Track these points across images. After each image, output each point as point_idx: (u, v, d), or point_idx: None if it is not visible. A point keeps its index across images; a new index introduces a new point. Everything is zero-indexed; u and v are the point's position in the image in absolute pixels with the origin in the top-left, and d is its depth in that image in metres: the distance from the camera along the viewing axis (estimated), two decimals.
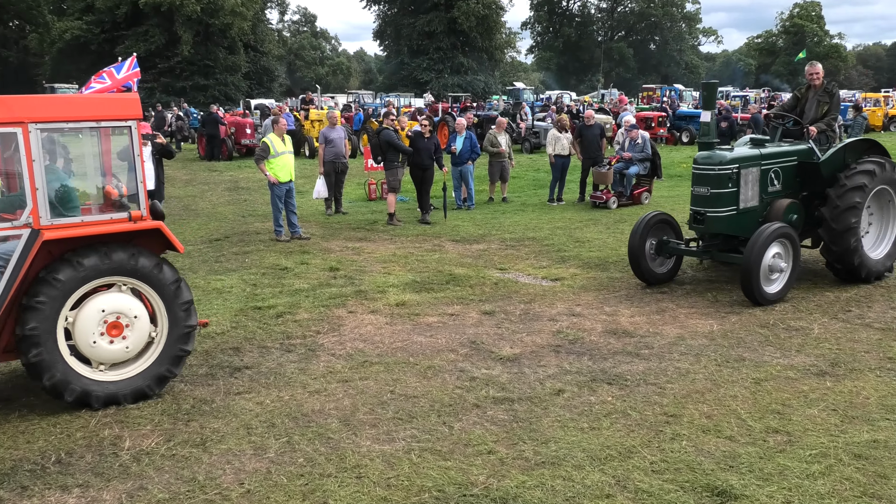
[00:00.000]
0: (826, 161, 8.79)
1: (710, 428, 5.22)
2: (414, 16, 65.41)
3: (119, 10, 55.15)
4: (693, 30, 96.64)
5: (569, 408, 5.60)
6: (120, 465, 4.80)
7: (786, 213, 8.67)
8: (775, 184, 8.80)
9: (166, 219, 13.01)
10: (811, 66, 9.43)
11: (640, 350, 6.89)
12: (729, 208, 8.44)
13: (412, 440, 5.09)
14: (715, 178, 8.38)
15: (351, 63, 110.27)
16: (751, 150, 8.75)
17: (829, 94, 9.19)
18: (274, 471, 4.69)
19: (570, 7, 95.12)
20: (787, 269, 8.28)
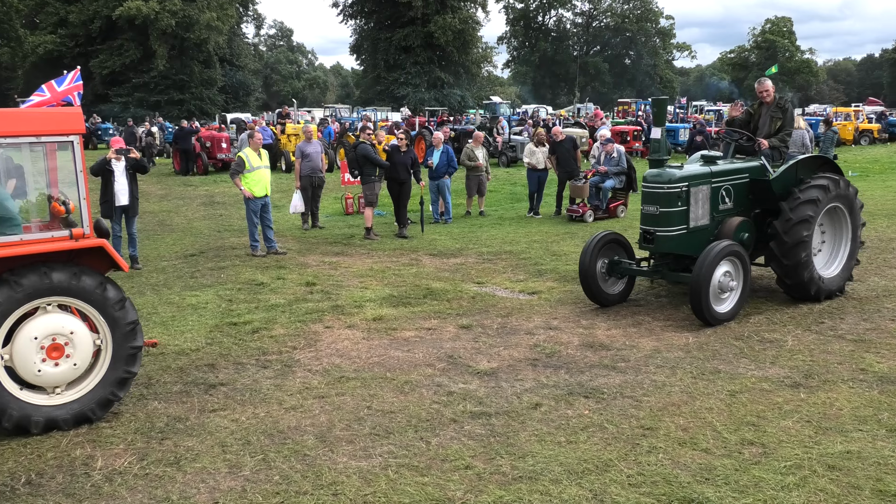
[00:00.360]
0: (778, 178, 8.63)
1: (686, 441, 5.25)
2: (391, 30, 65.62)
3: (93, 25, 54.79)
4: (667, 45, 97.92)
5: (546, 422, 5.61)
6: (92, 485, 4.72)
7: (737, 231, 8.52)
8: (727, 202, 8.63)
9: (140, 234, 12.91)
10: (760, 84, 9.32)
11: (616, 363, 6.92)
12: (679, 227, 8.24)
13: (389, 456, 5.07)
14: (664, 196, 8.17)
15: (327, 77, 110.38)
16: (701, 168, 8.57)
17: (781, 109, 9.10)
18: (249, 489, 4.64)
19: (545, 22, 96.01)
20: (738, 288, 8.11)
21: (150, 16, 52.12)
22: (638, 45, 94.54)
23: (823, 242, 9.00)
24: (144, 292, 10.15)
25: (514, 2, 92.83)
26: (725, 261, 7.91)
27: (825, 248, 9.05)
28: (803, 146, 18.93)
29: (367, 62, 71.58)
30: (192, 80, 58.35)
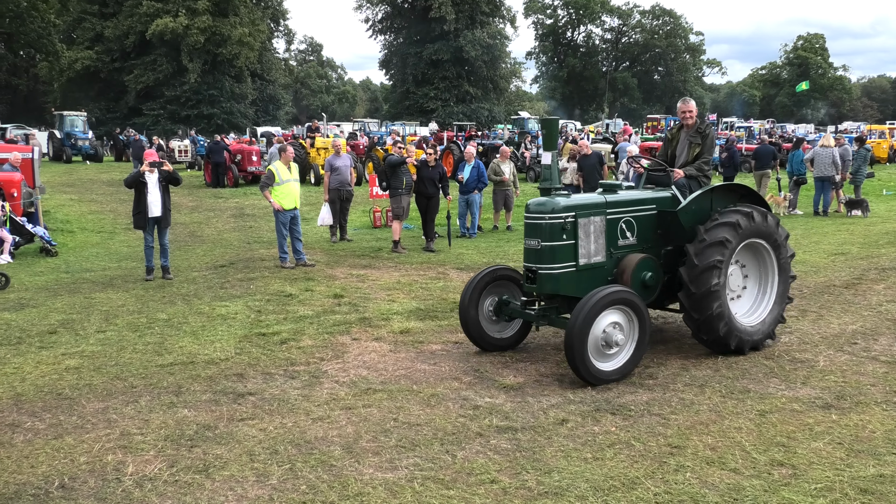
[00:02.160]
0: (686, 209, 7.52)
1: (714, 460, 5.21)
2: (420, 45, 66.06)
3: (128, 40, 55.86)
4: (697, 61, 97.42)
5: (572, 437, 5.60)
6: (123, 490, 4.80)
7: (637, 270, 7.30)
8: (627, 236, 7.51)
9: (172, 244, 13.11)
10: (683, 104, 8.35)
11: (643, 380, 6.89)
12: (565, 264, 7.09)
13: (415, 468, 5.09)
14: (546, 228, 7.04)
15: (356, 92, 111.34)
16: (593, 197, 7.59)
17: (701, 134, 8.13)
18: (276, 498, 4.68)
19: (574, 38, 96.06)
20: (630, 343, 6.91)
21: (179, 30, 52.96)
22: (667, 61, 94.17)
23: (745, 287, 7.90)
24: (175, 302, 10.30)
25: (544, 17, 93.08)
26: (612, 310, 6.72)
27: (749, 289, 7.94)
28: (833, 165, 18.77)
29: (396, 77, 72.10)
30: (223, 94, 59.17)
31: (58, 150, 41.01)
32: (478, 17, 65.03)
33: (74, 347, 8.17)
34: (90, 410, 6.24)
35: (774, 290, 7.87)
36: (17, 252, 14.22)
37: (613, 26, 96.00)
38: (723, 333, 7.29)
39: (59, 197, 22.88)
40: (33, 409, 6.31)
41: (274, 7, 75.24)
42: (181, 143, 37.12)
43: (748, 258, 7.85)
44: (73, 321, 9.33)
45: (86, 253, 14.89)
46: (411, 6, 67.15)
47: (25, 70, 65.33)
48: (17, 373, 7.30)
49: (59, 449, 5.45)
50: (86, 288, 11.41)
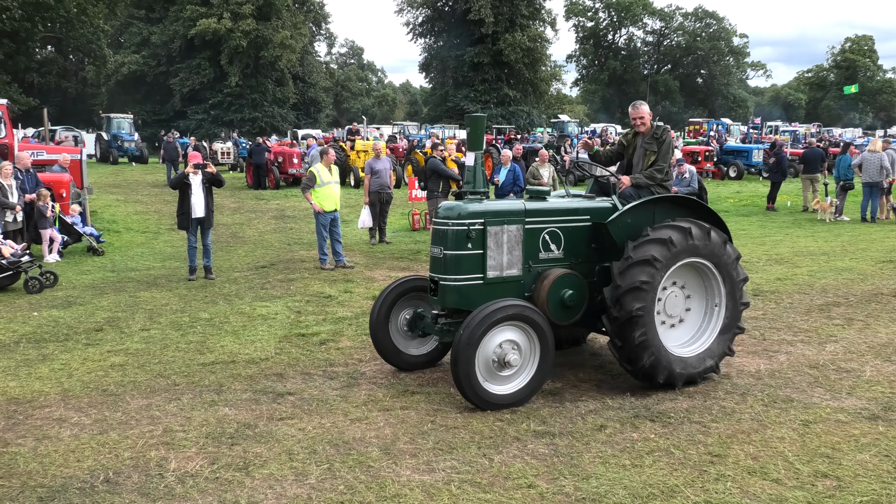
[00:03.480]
0: (618, 222, 6.72)
1: (756, 470, 5.13)
2: (460, 48, 66.08)
3: (173, 44, 56.86)
4: (741, 64, 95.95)
5: (610, 444, 5.55)
6: (165, 486, 4.89)
7: (555, 288, 6.56)
8: (551, 249, 6.82)
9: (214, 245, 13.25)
10: (633, 109, 7.52)
11: (683, 387, 6.80)
12: (470, 276, 6.45)
13: (452, 471, 5.10)
14: (451, 235, 6.42)
15: (396, 94, 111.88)
16: (509, 203, 6.96)
17: (657, 140, 7.32)
18: (315, 497, 4.73)
19: (615, 41, 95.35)
20: (529, 365, 6.30)
21: (221, 31, 53.76)
22: (710, 64, 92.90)
23: (689, 310, 6.97)
24: (217, 302, 10.46)
25: (585, 20, 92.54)
26: (508, 326, 6.13)
27: (692, 316, 7.00)
28: (881, 170, 18.34)
29: (436, 80, 72.27)
30: (265, 97, 59.90)
31: (105, 152, 41.95)
32: (518, 19, 64.81)
33: (119, 345, 8.34)
34: (134, 407, 6.37)
35: (721, 317, 6.93)
36: (65, 251, 14.57)
37: (655, 28, 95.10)
38: (648, 365, 6.46)
39: (106, 198, 23.39)
40: (79, 404, 6.46)
41: (316, 10, 76.01)
42: (224, 146, 37.70)
43: (691, 280, 6.93)
44: (118, 319, 9.53)
45: (131, 252, 15.20)
46: (451, 9, 67.27)
47: (74, 73, 66.95)
48: (65, 369, 7.48)
49: (104, 444, 5.57)
50: (131, 287, 11.65)
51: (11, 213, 13.16)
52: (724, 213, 20.48)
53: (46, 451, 5.44)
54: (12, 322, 9.42)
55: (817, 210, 19.61)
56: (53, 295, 11.08)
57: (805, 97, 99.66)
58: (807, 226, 18.35)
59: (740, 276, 7.00)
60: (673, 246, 6.46)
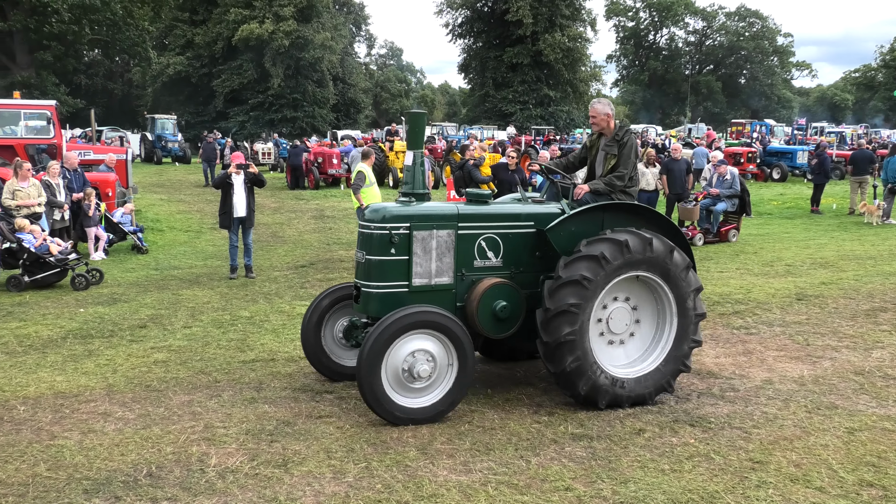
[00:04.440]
0: (558, 230, 6.25)
1: (798, 477, 5.03)
2: (499, 49, 65.96)
3: (216, 46, 57.73)
4: (785, 63, 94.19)
5: (649, 448, 5.50)
6: (206, 481, 4.97)
7: (486, 298, 6.16)
8: (488, 256, 6.38)
9: (255, 244, 13.38)
10: (591, 108, 6.98)
11: (724, 392, 6.71)
12: (393, 283, 6.10)
13: (489, 472, 5.10)
14: (373, 239, 6.09)
15: (435, 95, 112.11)
16: (440, 206, 6.52)
17: (618, 143, 6.75)
18: (353, 495, 4.77)
19: (656, 40, 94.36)
20: (446, 377, 5.93)
21: (264, 36, 54.46)
22: (753, 64, 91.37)
23: (637, 322, 6.49)
24: (257, 300, 10.59)
25: (625, 20, 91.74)
26: (419, 335, 5.78)
27: (642, 332, 6.53)
28: None
29: (475, 81, 72.22)
30: (305, 98, 60.46)
31: (149, 152, 42.73)
32: (557, 20, 64.46)
33: (162, 342, 8.50)
34: (176, 403, 6.48)
35: (672, 332, 6.41)
36: (110, 249, 14.88)
37: (697, 28, 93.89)
38: (584, 392, 6.08)
39: (150, 197, 23.82)
40: (123, 399, 6.60)
41: (356, 12, 76.57)
42: (265, 146, 38.15)
43: (639, 294, 6.45)
44: (161, 316, 9.71)
45: (174, 251, 15.47)
46: (491, 10, 67.17)
47: (120, 75, 68.36)
48: (110, 364, 7.64)
49: (147, 438, 5.68)
50: (174, 285, 11.86)
51: (59, 212, 13.49)
52: (767, 216, 20.20)
53: (92, 445, 5.57)
54: (60, 318, 9.65)
55: (864, 213, 19.17)
56: (99, 292, 11.33)
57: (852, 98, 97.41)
58: (853, 229, 17.94)
59: (692, 285, 6.41)
60: (607, 262, 5.98)
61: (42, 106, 18.50)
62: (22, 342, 8.51)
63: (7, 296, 11.08)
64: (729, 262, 13.30)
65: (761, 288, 10.99)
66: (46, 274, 11.58)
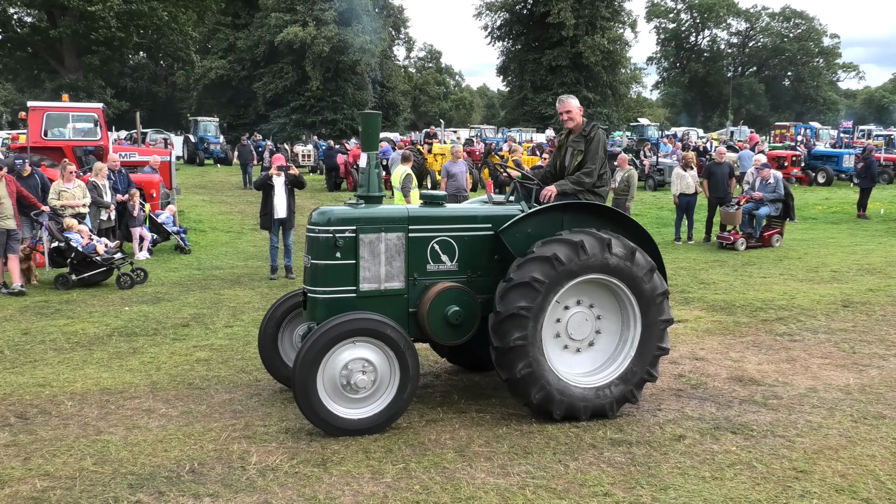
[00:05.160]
0: (513, 231, 6.00)
1: (843, 488, 4.93)
2: (539, 51, 65.80)
3: (258, 49, 58.55)
4: (831, 65, 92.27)
5: (690, 455, 5.43)
6: (247, 478, 5.04)
7: (437, 303, 5.92)
8: (442, 260, 6.12)
9: (295, 245, 13.50)
10: (559, 103, 6.66)
11: (767, 400, 6.60)
12: (339, 289, 5.87)
13: (527, 476, 5.08)
14: (319, 243, 5.87)
15: (473, 98, 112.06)
16: (389, 209, 6.24)
17: (585, 139, 6.41)
18: (391, 496, 4.79)
19: (698, 42, 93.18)
20: (387, 386, 5.72)
21: (307, 40, 55.08)
22: (798, 66, 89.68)
23: (598, 332, 6.17)
24: None
25: (666, 22, 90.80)
26: (358, 343, 5.59)
27: (605, 339, 6.20)
28: None
29: (514, 83, 72.14)
30: (344, 100, 60.92)
31: (192, 154, 43.50)
32: (598, 22, 64.12)
33: (204, 340, 8.63)
34: (217, 401, 6.58)
35: (636, 338, 6.08)
36: (154, 249, 15.16)
37: (740, 30, 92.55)
38: (537, 400, 5.79)
39: (193, 198, 24.22)
40: (167, 396, 6.72)
41: (395, 15, 76.88)
42: (304, 148, 38.55)
43: (602, 299, 6.13)
44: (203, 315, 9.86)
45: (216, 251, 15.70)
46: (530, 13, 67.02)
47: (164, 78, 69.70)
48: (153, 362, 7.79)
49: (189, 435, 5.77)
50: (215, 284, 12.04)
51: (106, 212, 13.79)
52: (811, 220, 19.80)
53: (136, 441, 5.68)
54: (105, 316, 9.86)
55: None
56: (143, 291, 11.55)
57: None
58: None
59: (657, 289, 6.02)
60: (560, 264, 5.67)
61: (89, 108, 18.93)
62: (69, 339, 8.72)
63: (55, 293, 11.36)
64: (772, 267, 13.08)
65: (805, 294, 10.79)
66: (93, 273, 11.85)
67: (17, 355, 8.08)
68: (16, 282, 11.28)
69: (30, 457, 5.40)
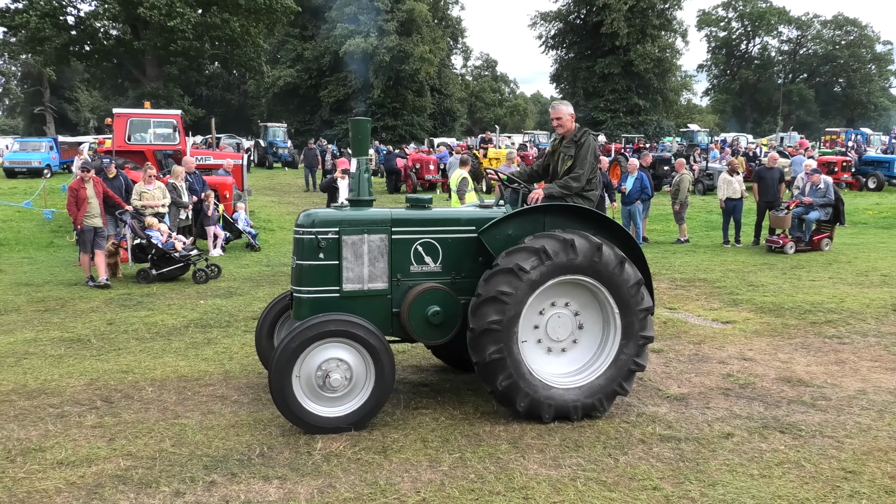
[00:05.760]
0: (493, 233, 5.85)
1: (894, 489, 4.76)
2: (591, 60, 65.17)
3: (323, 59, 59.40)
4: (884, 71, 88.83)
5: (738, 452, 5.32)
6: (312, 463, 5.12)
7: (418, 304, 5.81)
8: (426, 261, 5.99)
9: None
10: (552, 109, 6.53)
11: (816, 401, 6.42)
12: (323, 289, 5.79)
13: (578, 468, 5.05)
14: (303, 244, 5.79)
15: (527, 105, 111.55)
16: (372, 212, 6.06)
17: (575, 144, 6.27)
18: (447, 483, 4.82)
19: (748, 50, 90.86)
20: (363, 386, 5.60)
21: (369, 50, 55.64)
22: (849, 73, 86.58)
23: (581, 328, 5.98)
24: None
25: (717, 30, 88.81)
26: (334, 344, 5.48)
27: (588, 338, 5.99)
28: None
29: (566, 90, 71.50)
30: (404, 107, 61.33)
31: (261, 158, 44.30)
32: (648, 30, 63.16)
33: None
34: None
35: (617, 335, 5.86)
36: (227, 246, 15.52)
37: (791, 37, 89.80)
38: (522, 408, 5.67)
39: (262, 199, 24.69)
40: (238, 384, 6.88)
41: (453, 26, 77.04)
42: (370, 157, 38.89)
43: (582, 299, 5.92)
44: None
45: (283, 249, 15.97)
46: (584, 22, 66.40)
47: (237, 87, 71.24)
48: (226, 352, 7.98)
49: (259, 421, 5.90)
50: (283, 280, 12.25)
51: (184, 211, 14.18)
52: (862, 225, 19.16)
53: (211, 425, 5.83)
54: (182, 308, 10.14)
55: None
56: (217, 285, 11.83)
57: None
58: None
59: (631, 280, 5.77)
60: (524, 273, 5.50)
61: (169, 115, 19.46)
62: (150, 329, 9.00)
63: (137, 287, 11.73)
64: (821, 270, 12.69)
65: (855, 298, 10.45)
66: (171, 268, 12.20)
67: (103, 343, 8.38)
68: (102, 276, 11.69)
69: (114, 438, 5.60)
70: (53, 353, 7.91)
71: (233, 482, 4.84)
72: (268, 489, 4.75)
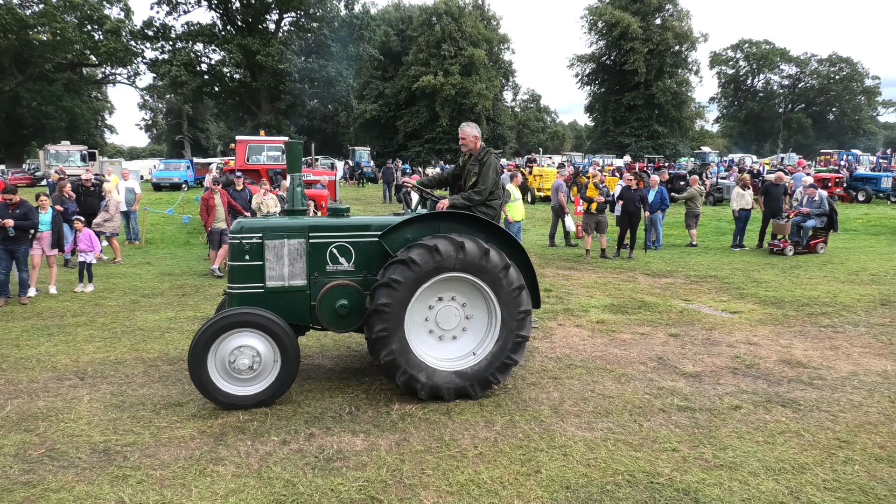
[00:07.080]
0: (392, 236, 5.67)
1: (883, 458, 4.50)
2: (619, 93, 63.88)
3: (400, 95, 59.84)
4: (872, 102, 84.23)
5: (745, 422, 5.12)
6: (390, 420, 5.15)
7: (328, 298, 5.60)
8: (340, 262, 5.75)
9: None
10: (460, 131, 6.30)
11: (813, 380, 6.12)
12: (248, 285, 5.62)
13: (608, 431, 4.94)
14: (234, 248, 5.64)
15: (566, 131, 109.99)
16: (292, 221, 5.78)
17: (479, 162, 6.04)
18: (499, 440, 4.77)
19: (753, 84, 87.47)
20: (271, 369, 5.38)
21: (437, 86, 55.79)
22: (842, 102, 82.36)
23: (469, 318, 5.66)
24: None
25: (726, 68, 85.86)
26: (244, 333, 5.28)
27: (474, 329, 5.69)
28: None
29: (598, 119, 70.26)
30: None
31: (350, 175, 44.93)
32: (665, 68, 61.63)
33: None
34: (369, 361, 6.73)
35: (497, 331, 5.56)
36: None
37: (791, 73, 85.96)
38: (401, 382, 5.41)
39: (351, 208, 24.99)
40: (331, 355, 6.97)
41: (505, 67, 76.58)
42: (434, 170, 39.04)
43: (468, 295, 5.61)
44: None
45: None
46: (613, 63, 65.13)
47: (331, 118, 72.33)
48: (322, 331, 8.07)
49: (347, 386, 5.96)
50: None
51: None
52: (853, 232, 18.20)
53: (310, 388, 5.91)
54: None
55: None
56: None
57: None
58: None
59: (513, 283, 5.47)
60: (415, 266, 5.27)
61: (278, 141, 19.88)
62: None
63: None
64: (817, 270, 12.11)
65: (847, 293, 9.93)
66: None
67: None
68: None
69: None
70: (189, 329, 8.17)
71: (327, 434, 4.90)
72: (355, 441, 4.80)
